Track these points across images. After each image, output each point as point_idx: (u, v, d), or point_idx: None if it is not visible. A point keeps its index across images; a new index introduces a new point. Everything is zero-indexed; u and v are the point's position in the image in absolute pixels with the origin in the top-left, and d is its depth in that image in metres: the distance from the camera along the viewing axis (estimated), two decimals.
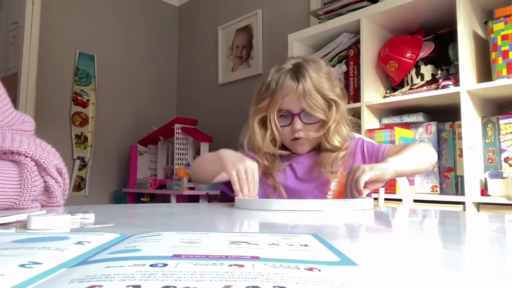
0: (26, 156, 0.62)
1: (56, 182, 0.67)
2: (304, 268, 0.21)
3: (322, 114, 0.97)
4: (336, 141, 0.99)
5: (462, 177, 1.44)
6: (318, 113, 0.96)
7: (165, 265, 0.20)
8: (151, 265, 0.20)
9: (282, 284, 0.17)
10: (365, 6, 1.68)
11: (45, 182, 0.66)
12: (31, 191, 0.62)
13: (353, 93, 1.72)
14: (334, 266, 0.22)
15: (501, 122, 1.39)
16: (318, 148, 1.04)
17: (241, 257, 0.24)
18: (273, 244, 0.29)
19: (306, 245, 0.29)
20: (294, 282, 0.18)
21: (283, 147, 1.04)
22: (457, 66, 1.43)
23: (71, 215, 0.44)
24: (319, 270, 0.21)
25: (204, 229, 0.48)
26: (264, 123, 1.02)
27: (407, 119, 1.60)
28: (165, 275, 0.18)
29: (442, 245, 0.38)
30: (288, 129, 0.99)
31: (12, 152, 0.62)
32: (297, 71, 0.97)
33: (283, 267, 0.21)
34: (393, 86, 1.70)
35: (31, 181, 0.62)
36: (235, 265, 0.21)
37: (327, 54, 1.83)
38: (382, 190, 1.15)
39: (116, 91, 3.07)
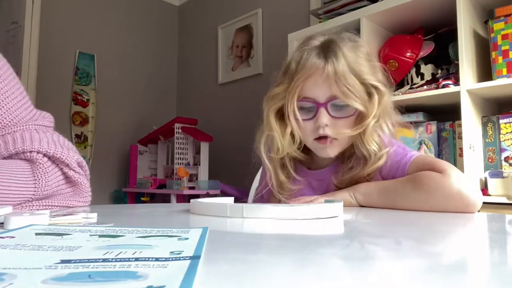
0: (38, 153, 0.64)
1: (80, 175, 0.71)
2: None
3: (360, 104, 0.72)
4: (373, 144, 0.74)
5: None
6: (355, 101, 0.72)
7: None
8: None
9: None
10: (365, 6, 1.67)
11: (68, 177, 0.69)
12: (45, 186, 0.64)
13: None
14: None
15: (501, 121, 1.39)
16: (342, 157, 0.80)
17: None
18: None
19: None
20: None
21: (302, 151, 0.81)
22: (457, 66, 1.43)
23: (73, 214, 0.44)
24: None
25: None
26: (282, 116, 0.79)
27: (407, 118, 1.60)
28: None
29: (442, 245, 0.38)
30: (310, 124, 0.75)
31: (24, 152, 0.64)
32: (327, 47, 0.74)
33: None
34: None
35: (44, 177, 0.64)
36: None
37: None
38: None
39: (116, 91, 3.07)
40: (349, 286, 0.21)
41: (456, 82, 1.43)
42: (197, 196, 2.54)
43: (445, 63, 1.58)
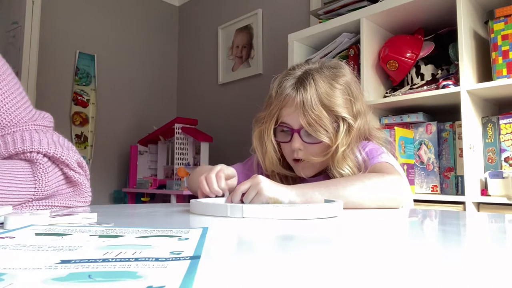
0: (38, 153, 0.64)
1: (80, 175, 0.72)
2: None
3: (325, 135, 0.78)
4: (346, 168, 0.79)
5: (462, 177, 1.44)
6: (319, 133, 0.78)
7: None
8: None
9: None
10: (365, 6, 1.67)
11: (68, 177, 0.69)
12: (45, 186, 0.64)
13: None
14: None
15: (501, 122, 1.39)
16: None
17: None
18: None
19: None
20: None
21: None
22: (457, 66, 1.43)
23: (73, 214, 0.44)
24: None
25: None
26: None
27: (407, 119, 1.60)
28: None
29: (442, 245, 0.38)
30: (288, 146, 0.84)
31: (24, 152, 0.64)
32: (302, 79, 0.80)
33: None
34: (393, 86, 1.70)
35: (44, 177, 0.64)
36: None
37: (327, 54, 1.83)
38: None
39: (116, 91, 3.07)
40: (349, 285, 0.21)
41: (456, 83, 1.43)
42: (197, 197, 2.54)
43: (445, 63, 1.58)
